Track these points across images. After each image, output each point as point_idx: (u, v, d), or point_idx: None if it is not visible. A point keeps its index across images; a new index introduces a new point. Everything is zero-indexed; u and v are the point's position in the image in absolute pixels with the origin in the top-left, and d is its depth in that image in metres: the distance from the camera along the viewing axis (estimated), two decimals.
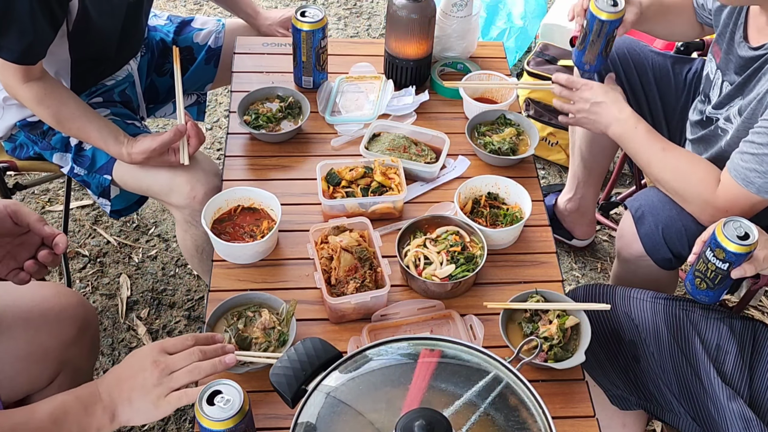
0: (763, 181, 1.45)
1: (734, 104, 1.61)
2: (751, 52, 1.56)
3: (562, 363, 1.34)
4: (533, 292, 1.44)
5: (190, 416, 2.06)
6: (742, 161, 1.47)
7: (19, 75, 1.62)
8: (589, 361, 1.48)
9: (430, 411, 0.95)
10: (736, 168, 1.49)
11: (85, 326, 1.46)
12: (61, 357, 1.43)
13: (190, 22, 2.13)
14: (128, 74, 1.96)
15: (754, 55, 1.55)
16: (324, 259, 1.46)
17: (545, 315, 1.40)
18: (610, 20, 1.65)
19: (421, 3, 1.77)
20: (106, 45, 1.80)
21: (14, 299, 1.41)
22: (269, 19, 2.17)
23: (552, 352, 1.35)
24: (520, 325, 1.42)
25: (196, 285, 2.38)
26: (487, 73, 1.90)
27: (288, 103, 1.81)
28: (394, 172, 1.64)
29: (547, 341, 1.36)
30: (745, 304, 2.02)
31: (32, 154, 1.92)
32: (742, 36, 1.59)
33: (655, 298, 1.54)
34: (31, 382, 1.42)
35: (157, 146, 1.69)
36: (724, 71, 1.66)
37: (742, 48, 1.59)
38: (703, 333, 1.49)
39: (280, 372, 1.07)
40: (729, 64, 1.64)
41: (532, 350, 1.29)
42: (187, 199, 1.76)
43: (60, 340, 1.41)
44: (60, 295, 1.43)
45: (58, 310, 1.41)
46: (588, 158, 2.18)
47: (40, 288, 1.46)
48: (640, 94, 1.95)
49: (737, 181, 1.48)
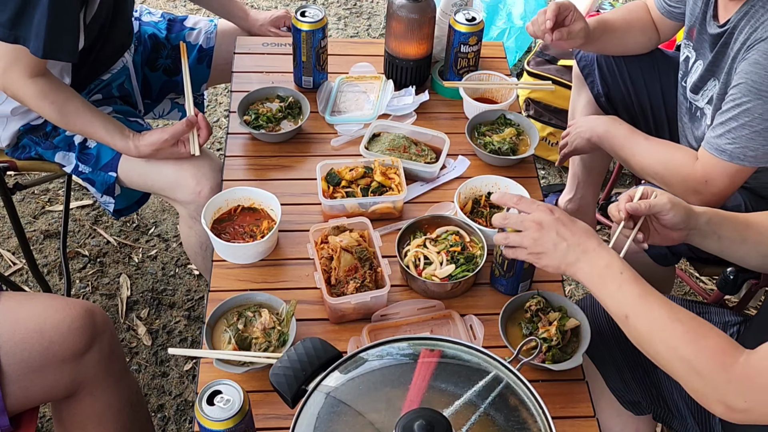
0: (733, 147, 1.47)
1: (708, 86, 1.62)
2: (718, 29, 1.57)
3: (560, 365, 1.34)
4: (535, 293, 1.44)
5: (190, 416, 2.06)
6: (713, 132, 1.50)
7: (29, 69, 1.61)
8: (607, 366, 1.48)
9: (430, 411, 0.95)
10: (708, 140, 1.52)
11: (96, 334, 1.46)
12: (77, 367, 1.43)
13: (182, 21, 2.13)
14: (123, 67, 1.96)
15: (720, 32, 1.56)
16: (324, 259, 1.46)
17: (545, 316, 1.40)
18: None
19: (421, 3, 1.77)
20: (96, 38, 1.80)
21: (27, 312, 1.42)
22: (259, 20, 2.16)
23: (550, 353, 1.35)
24: (520, 326, 1.41)
25: (196, 285, 2.38)
26: (487, 73, 1.90)
27: (288, 103, 1.81)
28: (394, 172, 1.64)
29: (546, 342, 1.36)
30: (745, 304, 2.02)
31: (33, 154, 1.92)
32: (712, 14, 1.60)
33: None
34: (45, 392, 1.43)
35: (168, 137, 1.70)
36: (698, 51, 1.67)
37: (712, 26, 1.59)
38: None
39: (280, 372, 1.07)
40: (701, 44, 1.65)
41: (531, 350, 1.29)
42: (192, 194, 1.76)
43: (74, 350, 1.41)
44: (70, 308, 1.44)
45: (69, 322, 1.41)
46: (588, 158, 2.18)
47: (51, 300, 1.46)
48: (641, 90, 1.95)
49: (710, 151, 1.50)
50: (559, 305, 1.43)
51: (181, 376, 2.16)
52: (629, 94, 1.96)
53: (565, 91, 2.50)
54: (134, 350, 2.21)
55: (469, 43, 1.84)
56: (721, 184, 1.51)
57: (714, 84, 1.60)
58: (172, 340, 2.24)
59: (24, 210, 2.54)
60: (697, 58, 1.67)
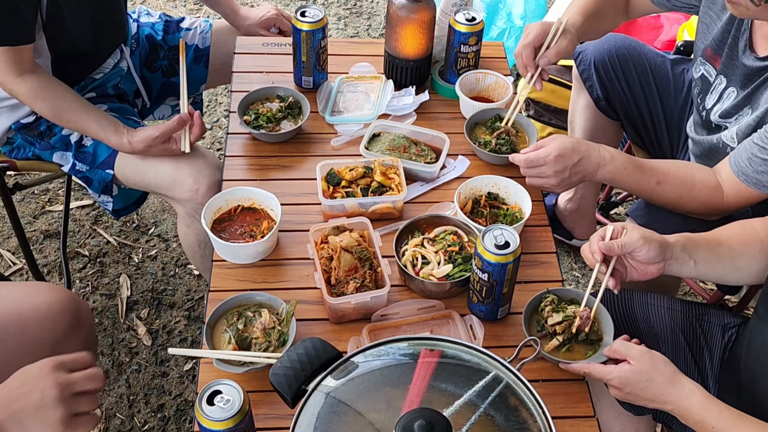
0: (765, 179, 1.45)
1: (743, 114, 1.58)
2: (758, 62, 1.52)
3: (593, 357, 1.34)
4: (546, 293, 1.43)
5: (190, 416, 2.06)
6: (752, 165, 1.46)
7: (10, 67, 1.62)
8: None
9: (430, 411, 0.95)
10: (745, 172, 1.47)
11: (78, 323, 1.45)
12: (52, 352, 1.42)
13: (179, 22, 2.13)
14: (117, 67, 1.95)
15: (761, 65, 1.52)
16: (324, 259, 1.46)
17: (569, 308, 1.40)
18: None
19: (421, 3, 1.77)
20: (80, 38, 1.79)
21: (5, 296, 1.41)
22: (249, 19, 2.14)
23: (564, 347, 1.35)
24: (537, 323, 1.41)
25: (196, 285, 2.38)
26: (485, 72, 1.90)
27: (288, 103, 1.81)
28: (394, 172, 1.64)
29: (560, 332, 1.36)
30: (745, 304, 2.02)
31: (30, 155, 1.92)
32: (747, 44, 1.55)
33: (672, 306, 1.53)
34: None
35: (158, 134, 1.70)
36: (729, 78, 1.62)
37: (748, 58, 1.55)
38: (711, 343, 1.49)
39: (280, 372, 1.07)
40: (733, 71, 1.60)
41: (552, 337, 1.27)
42: (190, 192, 1.76)
43: (51, 336, 1.40)
44: (51, 292, 1.44)
45: (48, 305, 1.40)
46: None
47: (33, 286, 1.46)
48: (639, 95, 1.95)
49: (749, 186, 1.47)
50: (570, 298, 1.43)
51: (181, 376, 2.16)
52: (627, 98, 1.96)
53: (565, 91, 2.50)
54: (134, 350, 2.21)
55: (469, 43, 1.84)
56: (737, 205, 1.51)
57: (748, 112, 1.56)
58: (172, 340, 2.24)
59: (24, 210, 2.54)
60: (728, 85, 1.62)
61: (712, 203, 1.54)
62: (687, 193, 1.55)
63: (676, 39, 2.64)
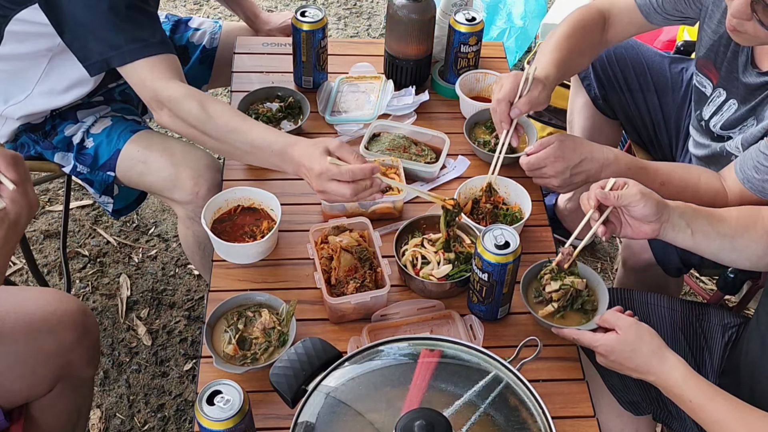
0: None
1: (747, 125, 1.57)
2: (762, 77, 1.51)
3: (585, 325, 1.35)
4: (546, 262, 1.43)
5: (190, 416, 2.06)
6: (757, 174, 1.45)
7: (169, 72, 1.56)
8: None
9: (430, 411, 0.96)
10: (750, 180, 1.47)
11: (85, 332, 1.46)
12: (61, 362, 1.43)
13: (186, 22, 2.13)
14: None
15: (764, 81, 1.51)
16: (324, 259, 1.46)
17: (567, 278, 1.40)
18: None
19: (421, 3, 1.77)
20: None
21: (16, 304, 1.41)
22: (269, 24, 2.16)
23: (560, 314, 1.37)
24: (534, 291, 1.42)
25: (196, 285, 2.38)
26: (485, 72, 1.90)
27: (288, 103, 1.81)
28: (394, 172, 1.64)
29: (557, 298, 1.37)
30: (744, 304, 2.02)
31: (33, 153, 1.92)
32: (749, 60, 1.54)
33: (672, 305, 1.53)
34: (30, 388, 1.42)
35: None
36: (729, 91, 1.61)
37: (750, 73, 1.54)
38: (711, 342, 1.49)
39: (280, 372, 1.07)
40: (734, 85, 1.59)
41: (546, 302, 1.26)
42: (190, 194, 1.76)
43: (60, 346, 1.41)
44: (61, 301, 1.44)
45: (59, 314, 1.41)
46: None
47: (42, 294, 1.46)
48: (637, 94, 1.95)
49: (754, 193, 1.47)
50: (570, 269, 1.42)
51: (181, 376, 2.16)
52: (625, 97, 1.96)
53: (565, 91, 2.49)
54: (134, 350, 2.21)
55: (469, 43, 1.84)
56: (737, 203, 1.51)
57: (753, 123, 1.56)
58: (172, 340, 2.25)
59: None
60: (728, 98, 1.61)
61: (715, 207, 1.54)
62: (691, 195, 1.53)
63: (676, 39, 2.64)
